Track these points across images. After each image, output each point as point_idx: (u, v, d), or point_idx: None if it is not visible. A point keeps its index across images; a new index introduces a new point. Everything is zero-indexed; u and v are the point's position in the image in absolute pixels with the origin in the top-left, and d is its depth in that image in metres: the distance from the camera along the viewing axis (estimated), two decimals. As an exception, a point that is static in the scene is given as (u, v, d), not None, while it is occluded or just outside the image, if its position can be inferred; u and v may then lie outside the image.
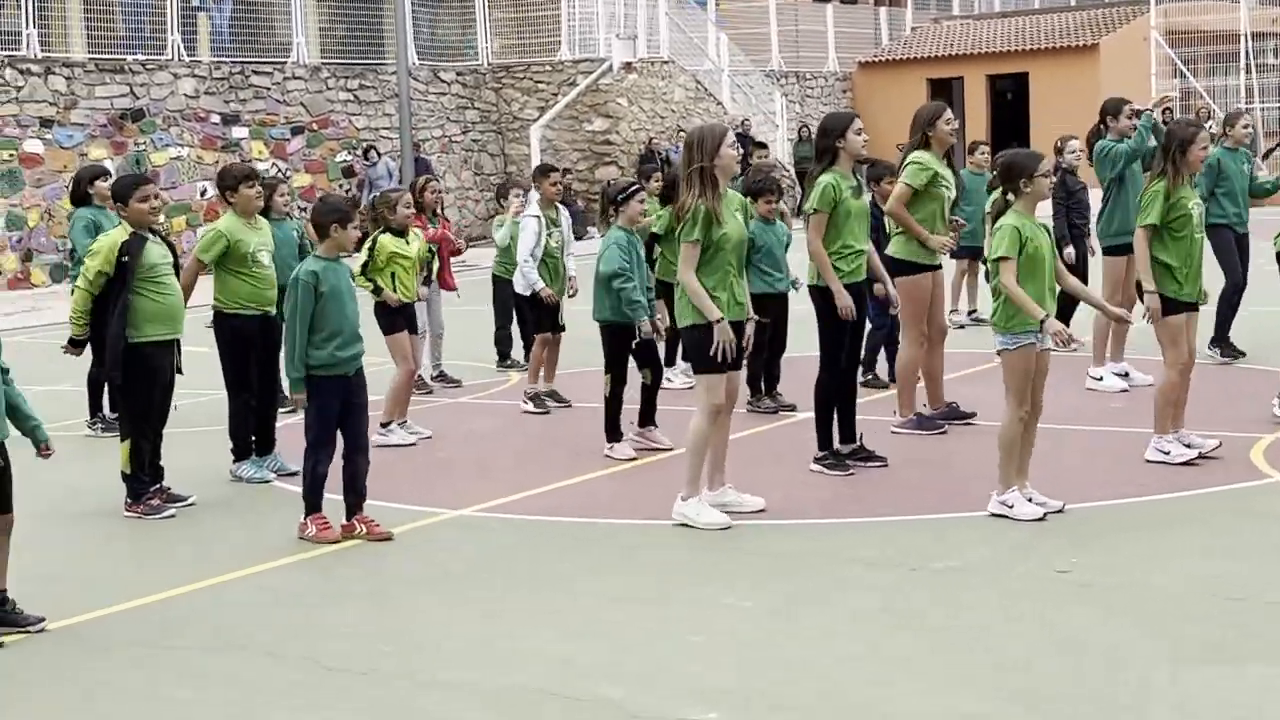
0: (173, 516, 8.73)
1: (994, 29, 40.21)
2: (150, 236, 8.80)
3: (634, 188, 10.09)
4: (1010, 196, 7.91)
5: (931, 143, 9.97)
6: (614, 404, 9.92)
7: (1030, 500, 7.94)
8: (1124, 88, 19.21)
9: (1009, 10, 44.50)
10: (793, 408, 11.20)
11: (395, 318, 10.65)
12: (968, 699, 5.49)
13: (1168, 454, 8.93)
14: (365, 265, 10.61)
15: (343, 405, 7.96)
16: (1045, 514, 7.87)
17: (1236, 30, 35.92)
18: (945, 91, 38.91)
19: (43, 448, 6.79)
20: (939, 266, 10.27)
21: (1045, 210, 9.09)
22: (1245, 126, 12.41)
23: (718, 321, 7.83)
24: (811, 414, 9.22)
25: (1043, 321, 7.71)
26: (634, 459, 9.77)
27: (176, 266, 8.98)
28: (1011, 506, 7.89)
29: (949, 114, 10.07)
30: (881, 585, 6.95)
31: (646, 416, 10.15)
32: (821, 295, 9.02)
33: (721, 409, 8.07)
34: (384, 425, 10.65)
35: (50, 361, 14.37)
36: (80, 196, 11.54)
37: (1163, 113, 12.56)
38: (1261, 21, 37.12)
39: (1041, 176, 7.88)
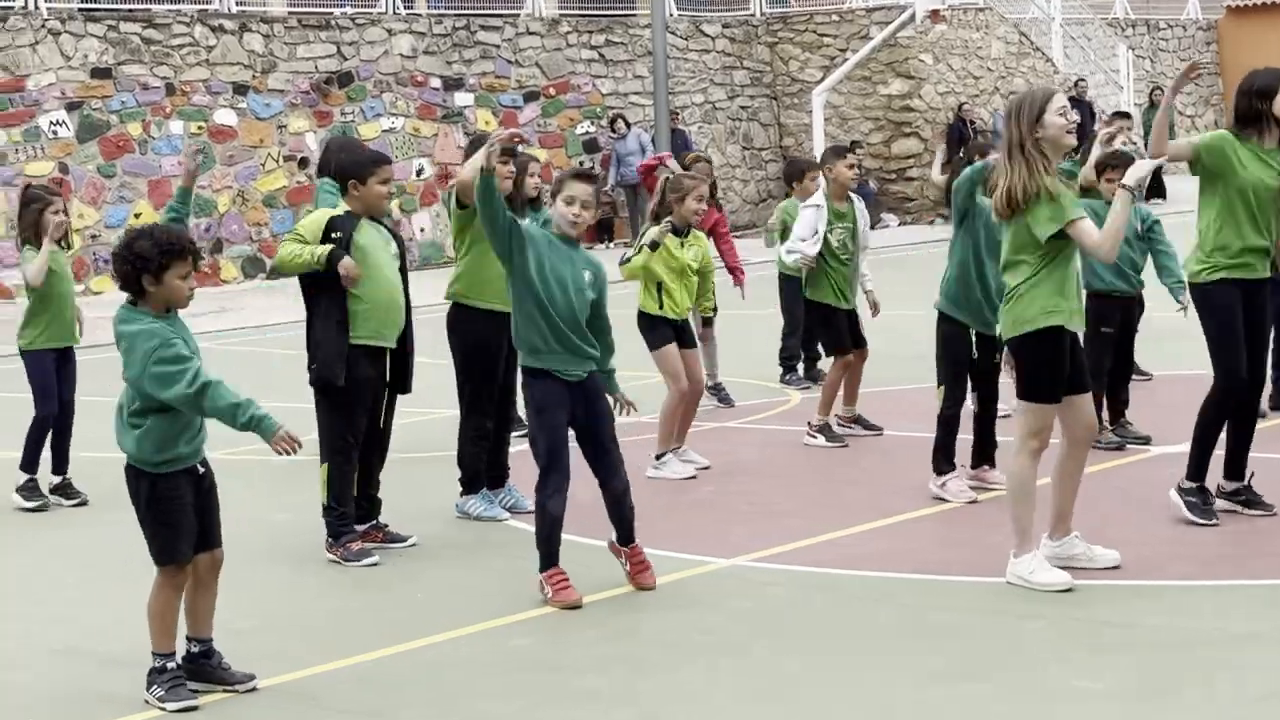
0: (376, 564, 8.92)
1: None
2: (369, 220, 9.03)
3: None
4: None
5: None
6: (947, 428, 9.82)
7: None
8: None
9: None
10: (1146, 440, 10.98)
11: (663, 329, 10.74)
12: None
13: None
14: (627, 258, 10.75)
15: (575, 414, 8.01)
16: None
17: None
18: (1340, 42, 37.60)
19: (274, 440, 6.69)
20: None
21: None
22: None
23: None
24: (1171, 449, 9.01)
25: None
26: (974, 501, 9.69)
27: (404, 261, 9.20)
28: None
29: None
30: (1257, 667, 6.73)
31: (981, 454, 10.05)
32: (1202, 292, 8.84)
33: (1044, 447, 7.97)
34: (658, 457, 10.79)
35: (245, 371, 14.90)
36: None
37: None
38: None
39: None
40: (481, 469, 9.85)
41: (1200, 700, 6.41)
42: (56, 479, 10.76)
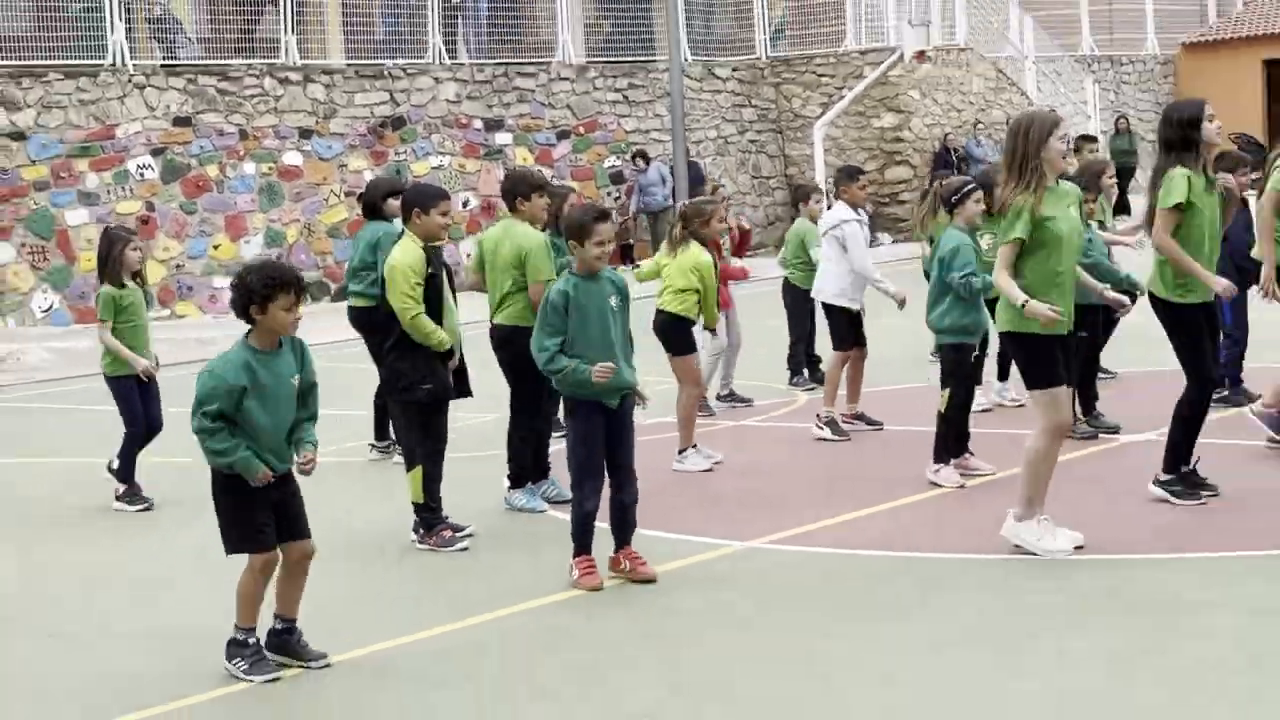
0: (466, 549, 8.96)
1: (1343, 0, 38.58)
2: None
3: (970, 186, 9.96)
4: None
5: None
6: (948, 424, 9.85)
7: None
8: None
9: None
10: (1115, 429, 10.96)
11: (689, 337, 10.79)
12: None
13: None
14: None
15: (608, 430, 8.01)
16: None
17: None
18: (1284, 74, 37.52)
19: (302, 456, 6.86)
20: None
21: None
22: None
23: (1024, 305, 7.76)
24: (1136, 437, 8.99)
25: None
26: (961, 486, 9.71)
27: (452, 285, 9.28)
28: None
29: None
30: (1226, 631, 6.74)
31: (959, 442, 10.05)
32: (1166, 309, 8.77)
33: (1067, 427, 7.96)
34: (680, 452, 10.83)
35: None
36: (373, 208, 11.60)
37: None
38: None
39: None
40: (528, 465, 9.89)
41: (1171, 659, 6.41)
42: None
